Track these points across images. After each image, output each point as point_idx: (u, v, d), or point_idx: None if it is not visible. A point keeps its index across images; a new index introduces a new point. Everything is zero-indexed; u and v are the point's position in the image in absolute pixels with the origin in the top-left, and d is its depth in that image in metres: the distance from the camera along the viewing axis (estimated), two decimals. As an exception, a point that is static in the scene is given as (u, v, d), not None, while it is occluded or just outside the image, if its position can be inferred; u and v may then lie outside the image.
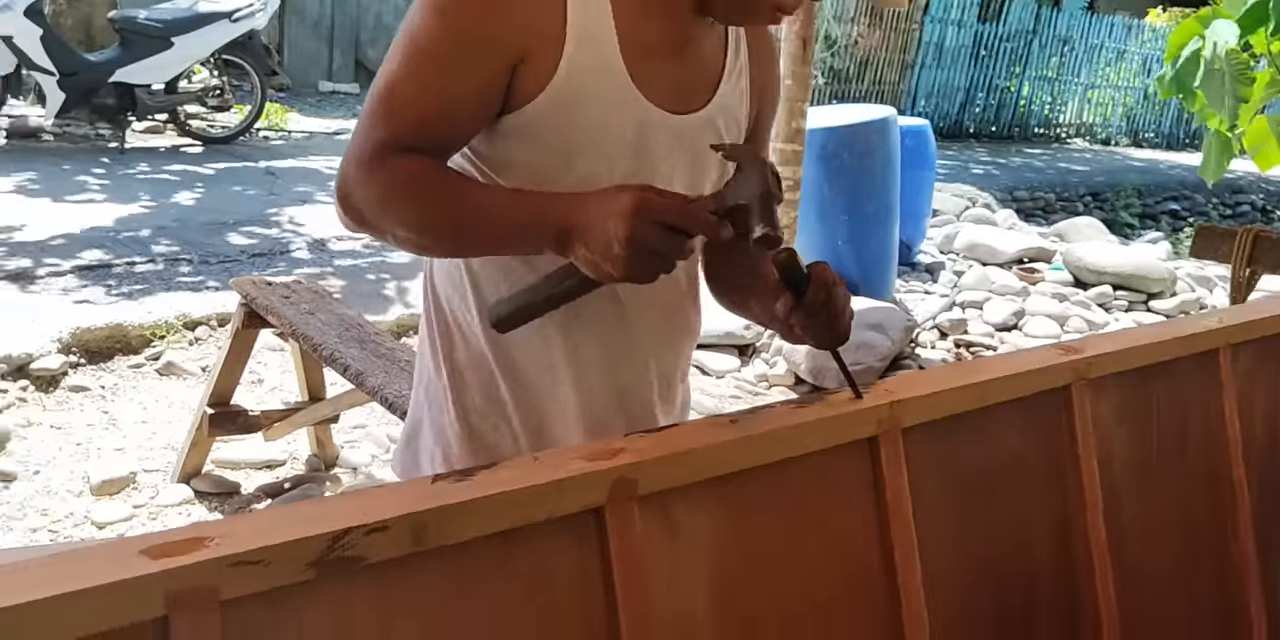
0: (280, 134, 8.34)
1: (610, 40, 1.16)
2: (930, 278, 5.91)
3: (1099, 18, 15.08)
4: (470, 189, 1.14)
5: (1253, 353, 1.84)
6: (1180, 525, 1.69)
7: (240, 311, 2.85)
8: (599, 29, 1.16)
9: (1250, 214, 11.18)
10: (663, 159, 1.23)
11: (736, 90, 1.30)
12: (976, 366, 1.46)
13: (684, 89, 1.24)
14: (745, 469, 1.14)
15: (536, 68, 1.14)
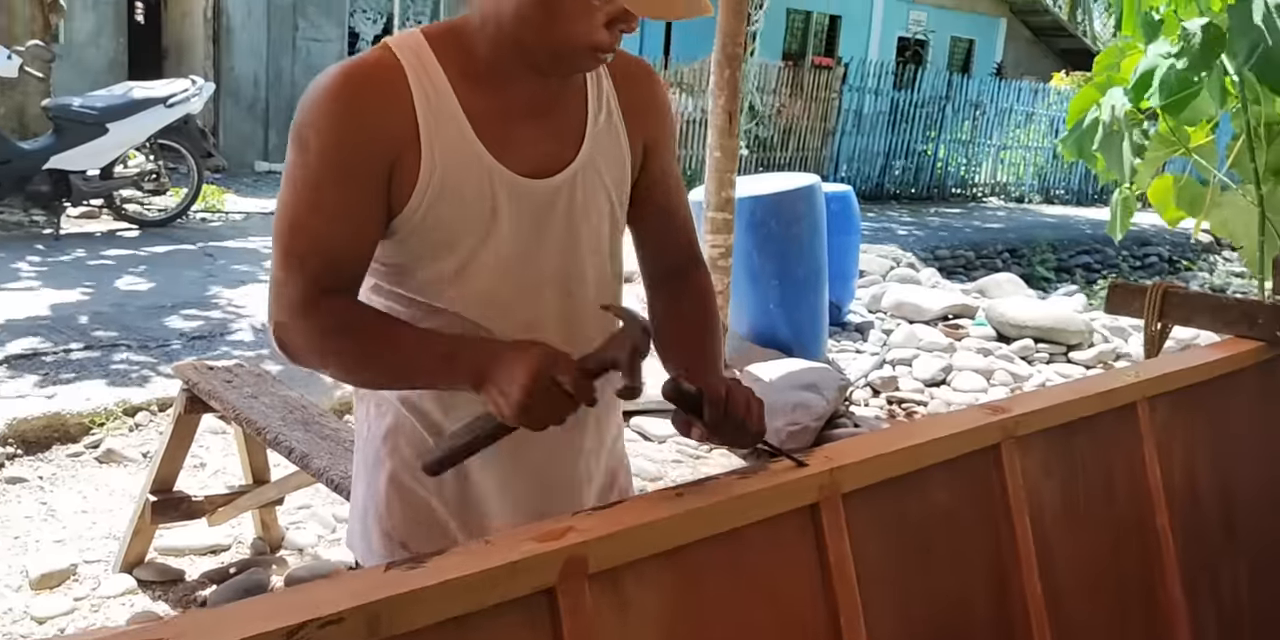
0: (218, 215, 8.32)
1: (460, 122, 1.23)
2: (860, 337, 6.04)
3: (1007, 83, 15.71)
4: (397, 332, 1.24)
5: (1168, 404, 1.93)
6: (1111, 575, 1.76)
7: (182, 397, 2.84)
8: (447, 116, 1.23)
9: (1158, 265, 11.61)
10: (541, 225, 1.28)
11: (608, 138, 1.33)
12: (910, 429, 1.52)
13: (549, 150, 1.29)
14: (693, 541, 1.17)
15: (404, 170, 1.22)
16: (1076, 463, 1.74)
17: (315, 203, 1.21)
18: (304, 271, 1.21)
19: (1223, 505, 1.99)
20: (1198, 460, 1.96)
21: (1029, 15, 19.37)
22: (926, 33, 18.28)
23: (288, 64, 11.70)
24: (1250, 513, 2.03)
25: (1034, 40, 20.20)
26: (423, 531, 1.35)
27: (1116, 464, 1.81)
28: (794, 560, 1.31)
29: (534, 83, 1.27)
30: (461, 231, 1.24)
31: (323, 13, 11.87)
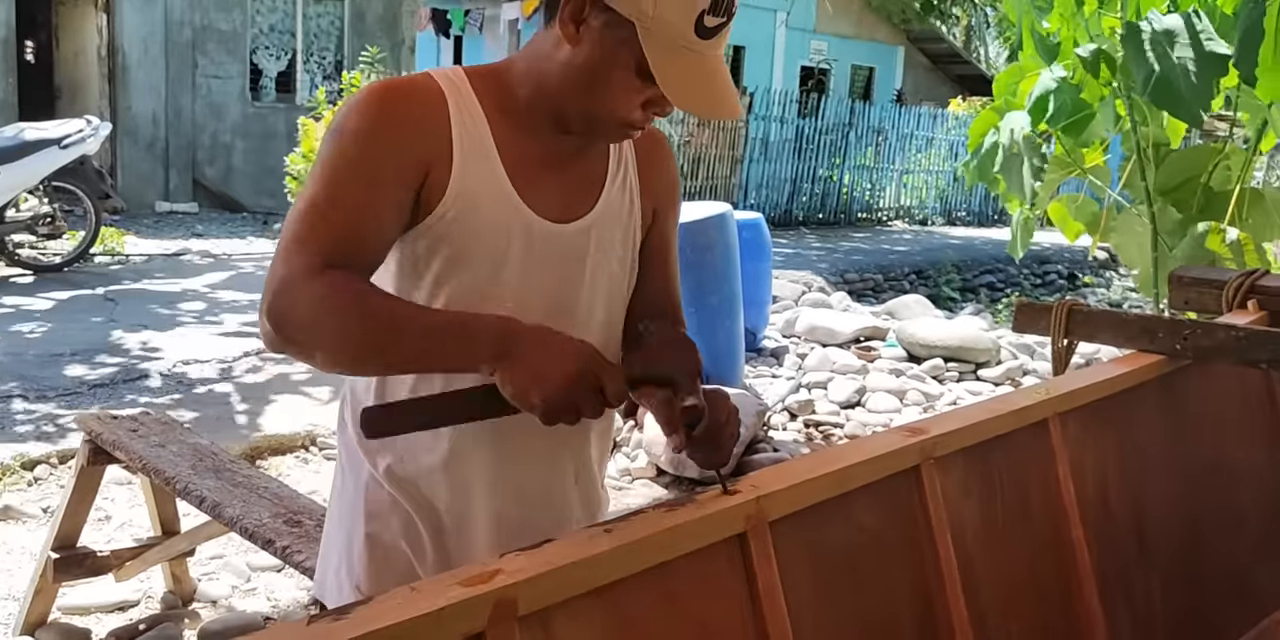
0: (117, 258, 8.08)
1: (491, 153, 1.26)
2: (776, 362, 6.10)
3: (907, 109, 16.15)
4: (406, 302, 1.21)
5: (1078, 420, 1.98)
6: (1031, 589, 1.79)
7: (85, 448, 2.73)
8: (481, 147, 1.26)
9: (1058, 281, 12.00)
10: (542, 265, 1.30)
11: (622, 196, 1.38)
12: (832, 454, 1.53)
13: (567, 199, 1.32)
14: (624, 577, 1.16)
15: (434, 184, 1.23)
16: (994, 480, 1.77)
17: (338, 197, 1.20)
18: (313, 245, 1.17)
19: (1134, 517, 2.04)
20: (1109, 473, 2.01)
21: (925, 43, 19.99)
22: (828, 61, 18.73)
23: (188, 102, 11.49)
24: (1160, 523, 2.09)
25: (931, 67, 20.84)
26: (395, 584, 1.33)
27: (1032, 480, 1.85)
28: (724, 591, 1.30)
29: (562, 137, 1.31)
30: (475, 254, 1.26)
31: (223, 49, 11.69)
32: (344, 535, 1.39)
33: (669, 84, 1.19)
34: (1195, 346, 2.17)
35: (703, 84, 1.22)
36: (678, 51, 1.18)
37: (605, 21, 1.19)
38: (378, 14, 12.83)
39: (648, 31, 1.17)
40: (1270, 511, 2.35)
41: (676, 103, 1.21)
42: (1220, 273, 2.75)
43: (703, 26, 1.18)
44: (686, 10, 1.17)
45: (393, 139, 1.21)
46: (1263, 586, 2.09)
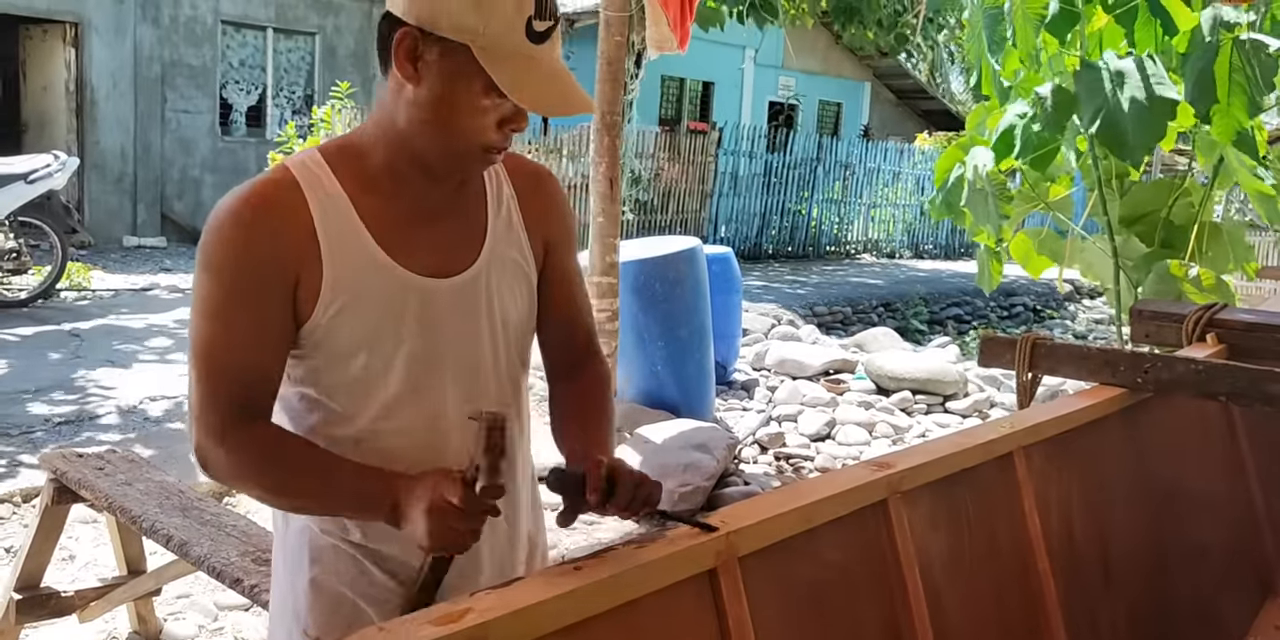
0: (84, 294, 8.01)
1: (358, 231, 1.28)
2: (746, 395, 6.12)
3: (874, 144, 16.35)
4: (315, 467, 1.27)
5: (1042, 453, 2.00)
6: (998, 622, 1.81)
7: (49, 487, 2.70)
8: (346, 227, 1.27)
9: (1024, 314, 12.13)
10: (446, 323, 1.32)
11: (509, 235, 1.39)
12: (800, 489, 1.55)
13: (450, 253, 1.33)
14: (593, 615, 1.16)
15: (308, 284, 1.26)
16: (961, 514, 1.79)
17: (225, 326, 1.26)
18: (220, 396, 1.25)
19: (1099, 547, 2.07)
20: (1073, 505, 2.03)
21: (891, 79, 20.28)
22: (797, 97, 18.95)
23: (156, 137, 11.46)
24: (1124, 553, 2.11)
25: (897, 102, 21.13)
26: (344, 627, 1.33)
27: (998, 513, 1.87)
28: (694, 627, 1.31)
29: (431, 188, 1.32)
30: (367, 338, 1.29)
31: (193, 84, 11.69)
32: (288, 581, 1.39)
33: (516, 90, 1.20)
34: (1156, 379, 2.21)
35: (548, 85, 1.24)
36: (516, 60, 1.21)
37: (440, 52, 1.21)
38: (349, 49, 12.89)
39: (483, 49, 1.20)
40: (1232, 541, 2.38)
41: (528, 106, 1.23)
42: (1179, 307, 2.80)
43: (533, 31, 1.22)
44: (514, 19, 1.21)
45: (260, 259, 1.24)
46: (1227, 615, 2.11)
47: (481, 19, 1.19)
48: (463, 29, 1.20)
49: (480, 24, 1.19)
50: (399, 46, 1.22)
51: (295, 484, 1.27)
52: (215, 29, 11.79)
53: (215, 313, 1.25)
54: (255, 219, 1.24)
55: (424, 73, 1.22)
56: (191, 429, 1.28)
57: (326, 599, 1.36)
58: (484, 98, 1.22)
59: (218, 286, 1.25)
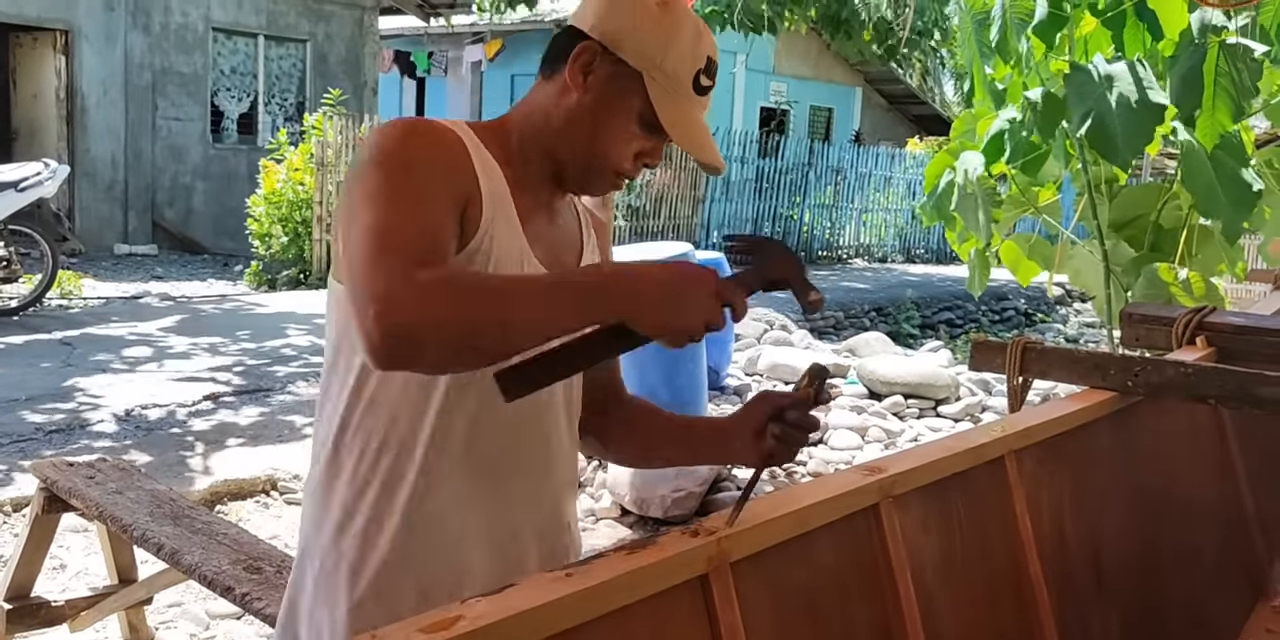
0: (75, 301, 7.99)
1: (510, 205, 1.30)
2: (739, 400, 6.12)
3: (865, 149, 16.41)
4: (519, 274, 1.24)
5: (1033, 456, 2.01)
6: (990, 626, 1.81)
7: (40, 496, 2.70)
8: (501, 196, 1.29)
9: (1015, 318, 12.16)
10: None
11: (593, 256, 1.44)
12: (792, 494, 1.55)
13: (558, 251, 1.37)
14: (585, 622, 1.16)
15: (471, 218, 1.25)
16: (952, 518, 1.79)
17: (404, 217, 1.15)
18: (400, 256, 1.10)
19: (1091, 551, 2.07)
20: (1065, 509, 2.04)
21: (883, 84, 20.35)
22: (788, 102, 19.00)
23: (147, 144, 11.45)
24: (1116, 557, 2.12)
25: (889, 108, 21.20)
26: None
27: (990, 517, 1.87)
28: (686, 633, 1.31)
29: (551, 192, 1.37)
30: None
31: (184, 92, 11.68)
32: (327, 614, 1.33)
33: (674, 127, 1.28)
34: (1146, 383, 2.22)
35: (700, 133, 1.32)
36: (679, 100, 1.29)
37: (613, 71, 1.28)
38: (340, 56, 12.90)
39: (654, 81, 1.28)
40: (1222, 544, 2.39)
41: (682, 144, 1.29)
42: (1169, 310, 2.81)
43: (698, 84, 1.31)
44: (689, 65, 1.30)
45: (441, 165, 1.22)
46: (1218, 617, 2.12)
47: (662, 53, 1.28)
48: (644, 56, 1.28)
49: (660, 57, 1.28)
50: (579, 56, 1.28)
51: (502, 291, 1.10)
52: (206, 36, 11.79)
53: (391, 200, 1.16)
54: (439, 137, 1.24)
55: (592, 86, 1.29)
56: (369, 289, 1.07)
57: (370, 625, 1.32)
58: (635, 124, 1.29)
59: (395, 178, 1.18)
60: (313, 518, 1.34)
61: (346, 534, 1.30)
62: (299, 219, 9.65)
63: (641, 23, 1.29)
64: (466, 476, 1.31)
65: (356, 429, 1.29)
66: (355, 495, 1.30)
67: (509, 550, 1.37)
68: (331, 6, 12.72)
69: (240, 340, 6.92)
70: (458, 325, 1.06)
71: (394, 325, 1.04)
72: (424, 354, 1.07)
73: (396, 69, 17.33)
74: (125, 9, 11.14)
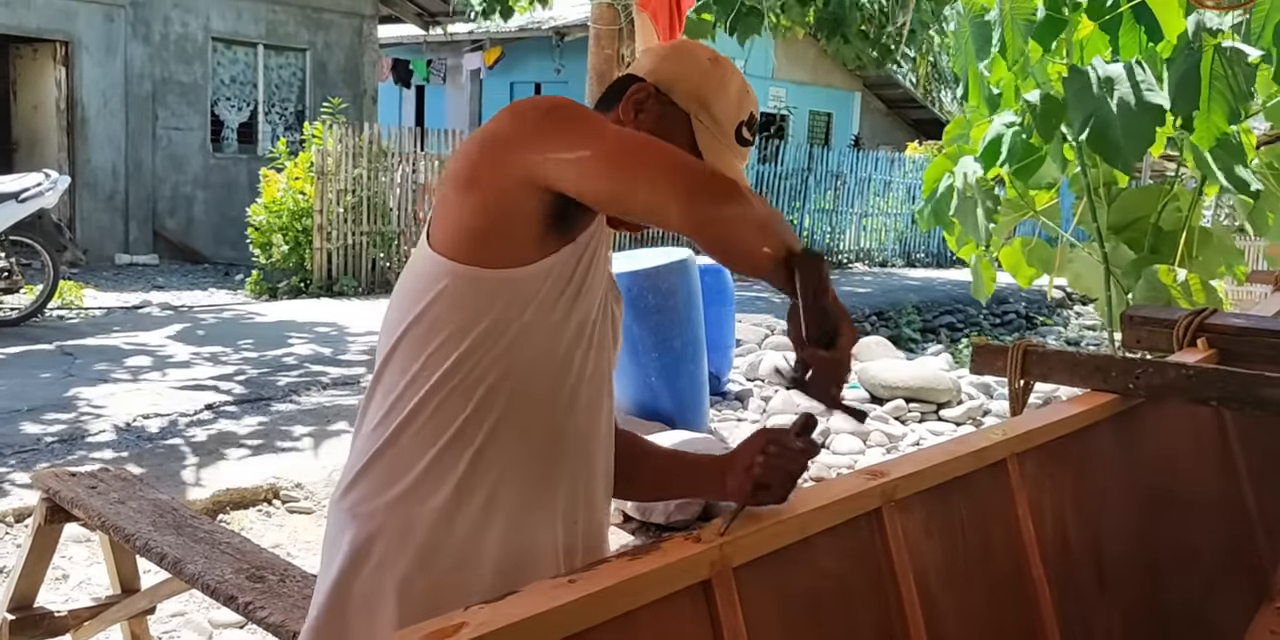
0: (76, 312, 7.99)
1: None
2: (741, 405, 6.12)
3: (865, 153, 16.42)
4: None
5: (1035, 460, 2.01)
6: (993, 628, 1.81)
7: (42, 507, 2.69)
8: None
9: (1016, 321, 12.15)
10: (605, 325, 1.41)
11: (613, 291, 1.48)
12: (794, 499, 1.55)
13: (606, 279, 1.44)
14: (588, 628, 1.16)
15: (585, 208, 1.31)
16: (955, 521, 1.79)
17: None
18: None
19: (1093, 553, 2.07)
20: (1067, 511, 2.04)
21: (882, 89, 20.36)
22: (787, 108, 19.02)
23: (148, 154, 11.47)
24: (1118, 559, 2.12)
25: (888, 112, 21.21)
26: None
27: (992, 520, 1.87)
28: (689, 638, 1.31)
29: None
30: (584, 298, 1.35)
31: (184, 101, 11.70)
32: (366, 620, 1.33)
33: (711, 163, 1.33)
34: (1147, 385, 2.22)
35: (739, 180, 1.35)
36: (722, 148, 1.38)
37: (663, 112, 1.37)
38: (339, 65, 12.92)
39: (700, 124, 1.37)
40: (1226, 545, 2.39)
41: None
42: (1170, 312, 2.81)
43: (740, 136, 1.41)
44: (734, 115, 1.39)
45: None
46: (1221, 619, 2.12)
47: (710, 99, 1.37)
48: (694, 100, 1.37)
49: (708, 103, 1.37)
50: (633, 94, 1.38)
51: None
52: (206, 46, 11.82)
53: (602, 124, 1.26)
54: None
55: (642, 121, 1.36)
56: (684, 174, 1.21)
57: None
58: None
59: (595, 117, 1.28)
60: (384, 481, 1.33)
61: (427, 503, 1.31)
62: (299, 228, 9.66)
63: (693, 71, 1.39)
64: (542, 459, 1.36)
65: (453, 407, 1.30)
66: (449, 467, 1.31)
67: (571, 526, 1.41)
68: (331, 15, 12.75)
69: (241, 349, 6.92)
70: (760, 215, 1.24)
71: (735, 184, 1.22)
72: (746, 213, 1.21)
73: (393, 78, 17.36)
74: (125, 20, 11.17)
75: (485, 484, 1.32)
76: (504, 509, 1.34)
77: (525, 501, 1.35)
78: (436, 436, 1.30)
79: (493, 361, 1.29)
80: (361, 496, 1.34)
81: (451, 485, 1.31)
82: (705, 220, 1.20)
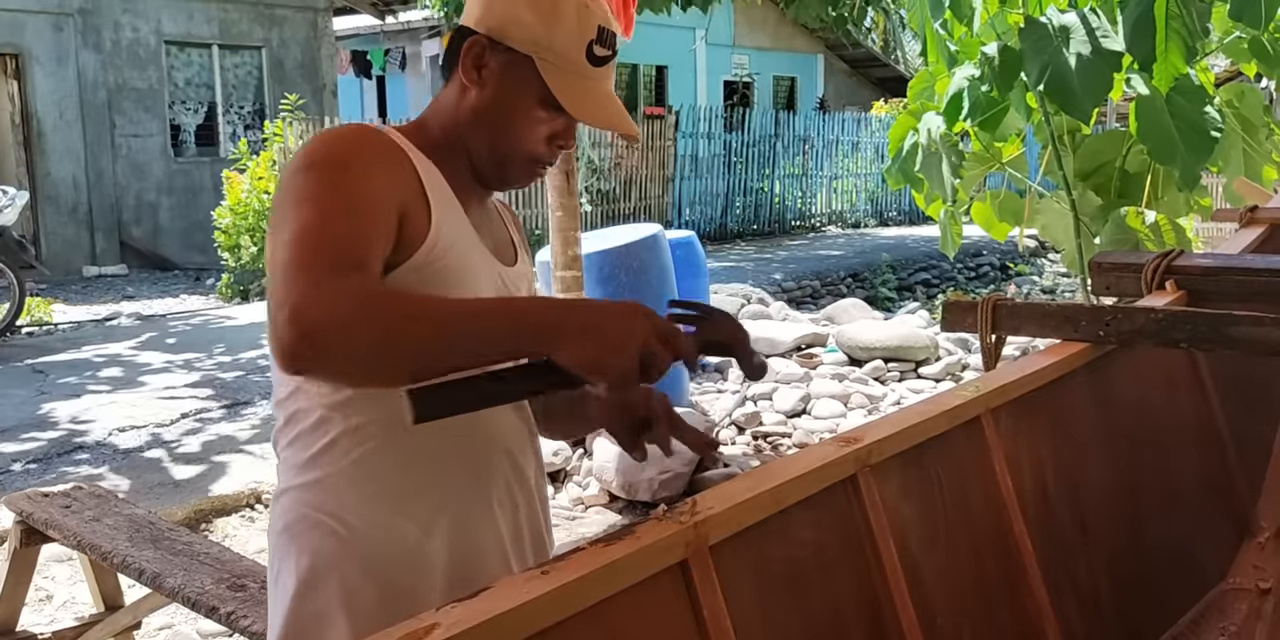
0: (45, 328, 7.90)
1: (455, 203, 1.30)
2: (720, 377, 6.11)
3: (830, 116, 16.39)
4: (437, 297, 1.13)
5: (1010, 414, 2.00)
6: (977, 586, 1.80)
7: (16, 529, 2.66)
8: (446, 194, 1.29)
9: (991, 273, 12.20)
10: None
11: (524, 253, 1.46)
12: (769, 471, 1.53)
13: (501, 245, 1.40)
14: (565, 619, 1.14)
15: (412, 225, 1.23)
16: (932, 482, 1.78)
17: (330, 221, 1.12)
18: (322, 262, 1.08)
19: (1074, 504, 2.07)
20: (1045, 464, 2.03)
21: (844, 49, 20.29)
22: (751, 75, 18.94)
23: (108, 163, 11.33)
24: (1100, 507, 2.11)
25: (851, 72, 21.15)
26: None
27: (970, 478, 1.86)
28: (669, 621, 1.29)
29: (477, 187, 1.37)
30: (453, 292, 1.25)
31: (141, 107, 11.55)
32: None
33: (573, 104, 1.28)
34: (1118, 331, 2.21)
35: (603, 104, 1.32)
36: (575, 78, 1.29)
37: (505, 61, 1.29)
38: (296, 60, 12.77)
39: (545, 62, 1.28)
40: (1204, 485, 2.39)
41: (584, 119, 1.30)
42: (1138, 256, 2.80)
43: (593, 55, 1.30)
44: (578, 39, 1.29)
45: (377, 168, 1.21)
46: (1204, 560, 2.12)
47: (548, 34, 1.28)
48: (530, 41, 1.28)
49: (547, 38, 1.27)
50: (467, 53, 1.29)
51: (426, 309, 1.07)
52: (159, 50, 11.65)
53: (319, 203, 1.13)
54: (376, 140, 1.24)
55: (487, 79, 1.30)
56: (281, 306, 1.05)
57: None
58: (539, 109, 1.29)
59: (326, 180, 1.16)
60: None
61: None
62: (266, 228, 9.57)
63: (520, 8, 1.29)
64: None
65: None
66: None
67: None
68: (284, 11, 12.58)
69: (215, 355, 6.86)
70: (373, 337, 1.04)
71: (305, 331, 1.02)
72: (331, 360, 1.04)
73: (353, 70, 17.18)
74: (74, 28, 10.99)
75: (418, 486, 1.30)
76: (442, 507, 1.32)
77: (461, 496, 1.33)
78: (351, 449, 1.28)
79: None
80: (295, 517, 1.31)
81: (378, 493, 1.29)
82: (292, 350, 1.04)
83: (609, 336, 1.07)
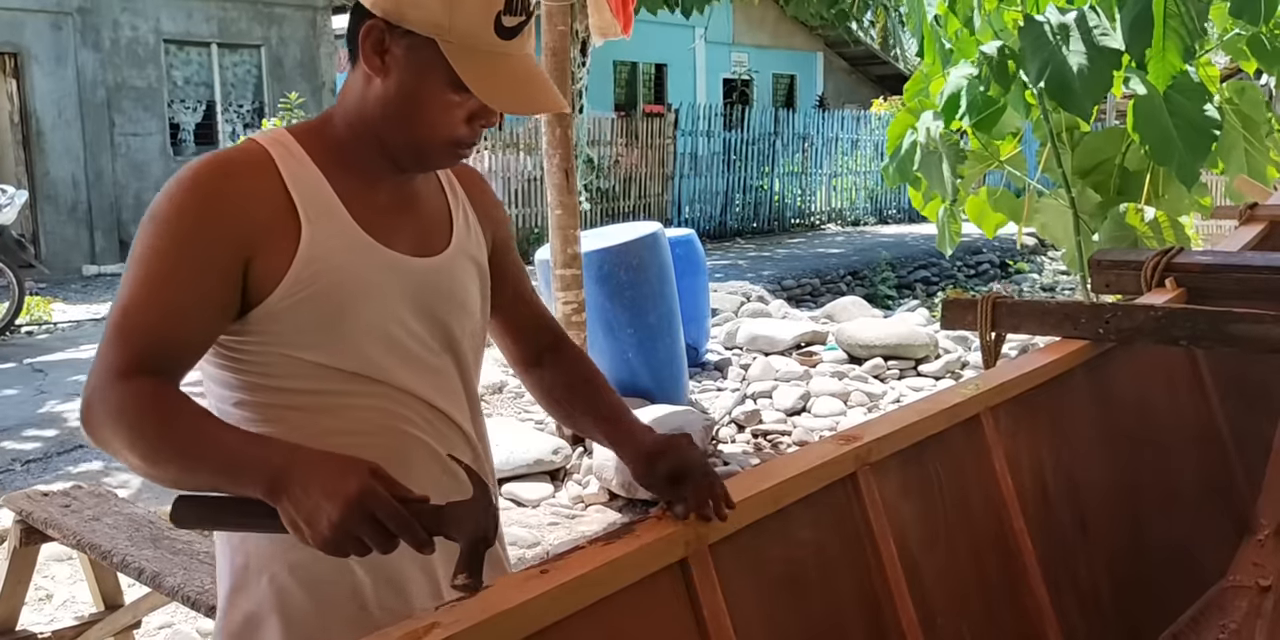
0: (45, 327, 7.89)
1: (340, 212, 1.24)
2: (720, 375, 6.11)
3: (830, 113, 16.36)
4: (200, 418, 1.13)
5: (1009, 412, 1.99)
6: (977, 585, 1.80)
7: (16, 529, 2.65)
8: (327, 206, 1.24)
9: (990, 271, 12.17)
10: (423, 302, 1.30)
11: (467, 229, 1.38)
12: (768, 470, 1.53)
13: (424, 237, 1.32)
14: (565, 617, 1.14)
15: (270, 258, 1.19)
16: (932, 480, 1.78)
17: (147, 301, 1.17)
18: (122, 351, 1.15)
19: (1073, 501, 2.07)
20: (1044, 462, 2.03)
21: (843, 47, 20.25)
22: (750, 72, 18.92)
23: (107, 162, 11.30)
24: (1099, 505, 2.11)
25: (850, 70, 21.13)
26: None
27: (969, 476, 1.86)
28: (669, 619, 1.29)
29: (397, 178, 1.30)
30: (345, 305, 1.23)
31: (139, 106, 11.53)
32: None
33: (481, 88, 1.19)
34: (1117, 329, 2.21)
35: (515, 83, 1.22)
36: (483, 56, 1.19)
37: (407, 45, 1.20)
38: (296, 59, 12.75)
39: (449, 44, 1.18)
40: (1203, 483, 2.39)
41: (493, 104, 1.21)
42: (1137, 254, 2.80)
43: (502, 27, 1.20)
44: (482, 14, 1.19)
45: (211, 219, 1.17)
46: (1204, 558, 2.12)
47: (448, 13, 1.17)
48: (429, 23, 1.18)
49: (447, 18, 1.17)
50: (365, 39, 1.21)
51: (175, 432, 1.11)
52: (158, 49, 11.62)
53: (152, 271, 1.17)
54: (217, 186, 1.19)
55: (391, 66, 1.21)
56: (85, 387, 1.16)
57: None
58: (451, 93, 1.20)
59: (161, 245, 1.17)
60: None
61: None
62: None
63: None
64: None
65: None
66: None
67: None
68: (283, 9, 12.56)
69: (216, 353, 6.85)
70: (129, 445, 1.11)
71: (86, 425, 1.14)
72: (100, 445, 1.15)
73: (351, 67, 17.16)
74: (73, 27, 10.97)
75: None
76: None
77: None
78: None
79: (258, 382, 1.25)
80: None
81: None
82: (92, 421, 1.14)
83: (304, 503, 1.02)
